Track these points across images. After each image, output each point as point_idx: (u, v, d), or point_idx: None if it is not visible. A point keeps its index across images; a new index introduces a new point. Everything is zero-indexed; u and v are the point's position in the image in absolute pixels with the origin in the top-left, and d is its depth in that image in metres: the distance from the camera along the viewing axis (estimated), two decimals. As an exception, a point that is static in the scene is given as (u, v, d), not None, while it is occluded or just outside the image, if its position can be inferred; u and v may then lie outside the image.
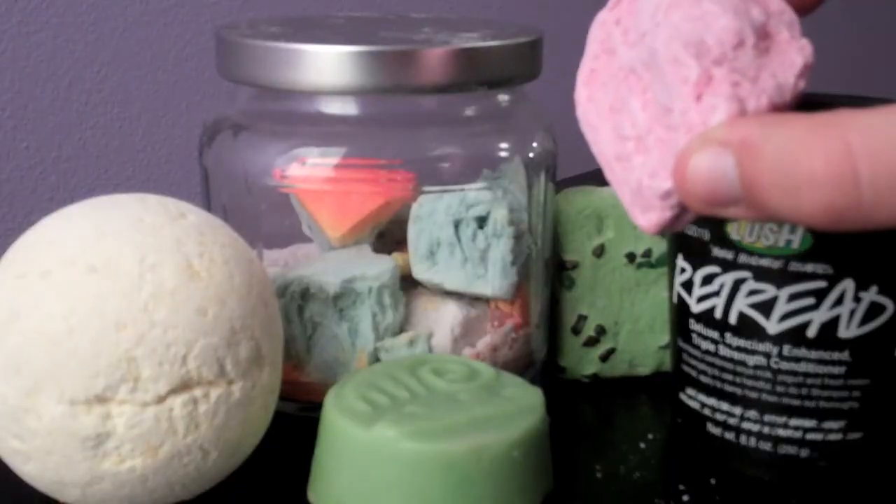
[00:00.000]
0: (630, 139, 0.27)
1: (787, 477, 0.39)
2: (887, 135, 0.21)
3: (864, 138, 0.22)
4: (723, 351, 0.39)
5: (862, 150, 0.21)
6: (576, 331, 0.47)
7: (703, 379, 0.40)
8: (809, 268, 0.36)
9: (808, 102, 0.42)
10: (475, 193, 0.42)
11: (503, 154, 0.43)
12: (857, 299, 0.36)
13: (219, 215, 0.42)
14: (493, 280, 0.42)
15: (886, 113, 0.22)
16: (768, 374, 0.38)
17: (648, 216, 0.27)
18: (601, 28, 0.29)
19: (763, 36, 0.26)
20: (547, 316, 0.46)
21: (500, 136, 0.43)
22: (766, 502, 0.38)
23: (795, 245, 0.36)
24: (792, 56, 0.26)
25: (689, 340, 0.40)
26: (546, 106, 0.46)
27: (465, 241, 0.42)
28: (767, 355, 0.38)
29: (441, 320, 0.43)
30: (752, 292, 0.37)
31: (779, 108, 0.25)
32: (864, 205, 0.22)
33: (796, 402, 0.38)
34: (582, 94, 0.29)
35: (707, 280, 0.39)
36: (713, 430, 0.40)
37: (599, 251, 0.46)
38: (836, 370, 0.37)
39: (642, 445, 0.42)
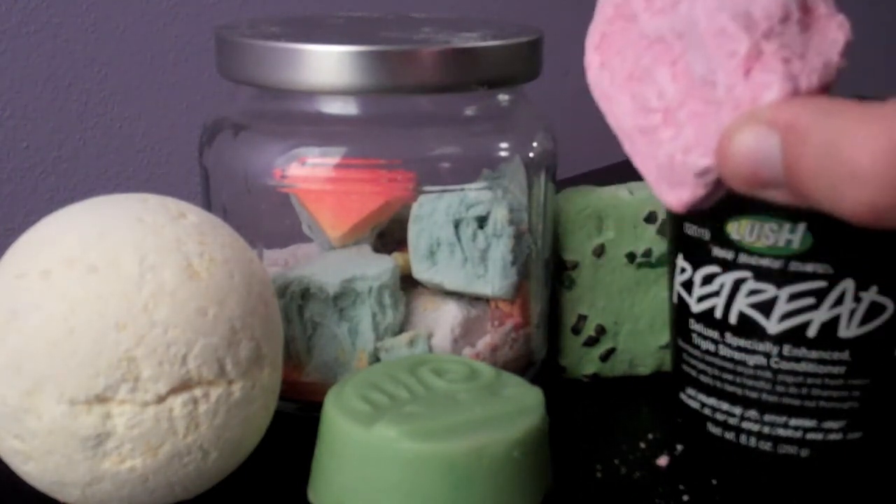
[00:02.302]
0: (657, 111, 0.26)
1: (787, 477, 0.39)
2: None
3: None
4: (723, 351, 0.39)
5: None
6: (576, 331, 0.47)
7: (704, 379, 0.40)
8: (809, 268, 0.36)
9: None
10: (475, 193, 0.42)
11: (503, 154, 0.43)
12: (857, 299, 0.36)
13: (219, 215, 0.42)
14: (494, 280, 0.42)
15: None
16: (768, 374, 0.38)
17: (678, 193, 0.26)
18: None
19: (805, 10, 0.25)
20: (547, 316, 0.46)
21: (500, 136, 0.43)
22: (766, 502, 0.38)
23: (795, 245, 0.36)
24: (833, 32, 0.25)
25: (689, 340, 0.40)
26: (546, 106, 0.46)
27: (465, 241, 0.42)
28: (767, 355, 0.38)
29: (441, 320, 0.43)
30: (753, 292, 0.37)
31: (826, 87, 0.24)
32: None
33: (796, 402, 0.38)
34: (594, 59, 0.28)
35: (707, 280, 0.39)
36: (713, 430, 0.40)
37: (599, 251, 0.46)
38: (836, 370, 0.37)
39: (642, 445, 0.42)
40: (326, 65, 0.39)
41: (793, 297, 0.37)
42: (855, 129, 0.21)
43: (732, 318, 0.38)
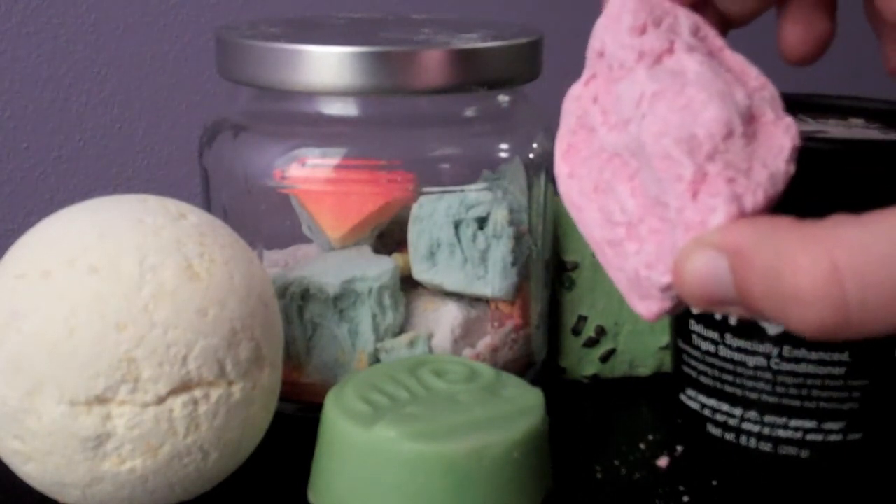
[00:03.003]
0: (621, 225, 0.27)
1: (787, 478, 0.39)
2: (876, 250, 0.21)
3: (851, 255, 0.21)
4: (723, 352, 0.39)
5: (849, 268, 0.21)
6: (576, 331, 0.47)
7: (704, 380, 0.40)
8: (809, 268, 0.36)
9: (808, 104, 0.42)
10: (475, 194, 0.42)
11: (503, 155, 0.43)
12: (857, 300, 0.36)
13: (219, 216, 0.42)
14: (494, 281, 0.42)
15: (875, 225, 0.21)
16: (768, 375, 0.38)
17: (647, 304, 0.26)
18: (576, 103, 0.28)
19: (749, 120, 0.25)
20: (547, 317, 0.46)
21: (500, 137, 0.43)
22: (766, 503, 0.38)
23: (795, 246, 0.36)
24: (779, 139, 0.25)
25: (689, 341, 0.40)
26: (546, 106, 0.46)
27: (465, 242, 0.42)
28: (767, 356, 0.38)
29: (441, 321, 0.43)
30: (753, 293, 0.37)
31: (773, 198, 0.25)
32: (853, 322, 0.21)
33: (796, 403, 0.38)
34: (562, 169, 0.28)
35: (707, 281, 0.39)
36: (713, 430, 0.40)
37: (599, 252, 0.46)
38: (836, 371, 0.37)
39: (642, 445, 0.42)
40: (327, 65, 0.39)
41: (793, 297, 0.37)
42: (795, 252, 0.22)
43: (732, 319, 0.38)
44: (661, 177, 0.25)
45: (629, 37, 0.27)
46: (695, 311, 0.40)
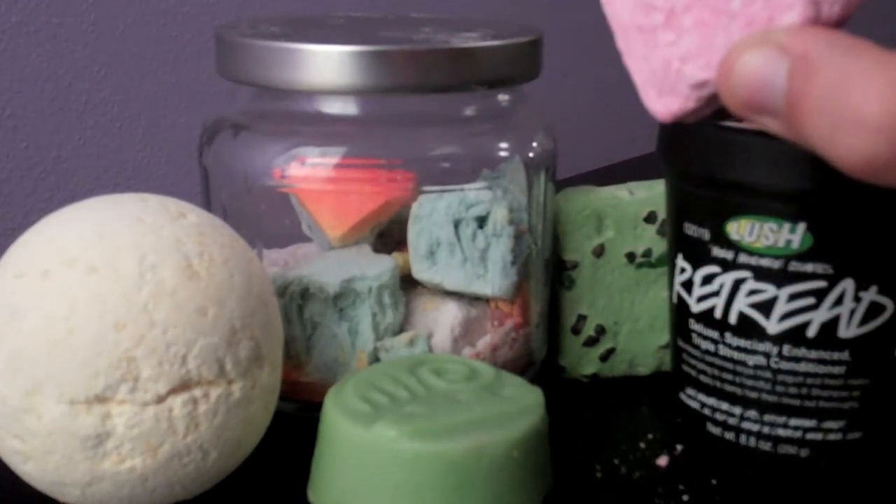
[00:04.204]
0: (660, 11, 0.24)
1: (787, 477, 0.39)
2: None
3: None
4: (723, 351, 0.39)
5: None
6: (576, 331, 0.47)
7: (703, 379, 0.40)
8: (809, 268, 0.36)
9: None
10: (475, 193, 0.42)
11: (503, 154, 0.43)
12: (857, 299, 0.36)
13: (219, 215, 0.42)
14: (493, 280, 0.42)
15: None
16: (768, 374, 0.38)
17: (667, 101, 0.24)
18: None
19: None
20: (547, 316, 0.46)
21: (500, 136, 0.43)
22: (765, 502, 0.38)
23: (795, 245, 0.36)
24: None
25: (688, 340, 0.40)
26: (546, 106, 0.46)
27: (464, 241, 0.42)
28: (767, 355, 0.38)
29: (441, 320, 0.43)
30: (752, 292, 0.37)
31: (844, 20, 0.23)
32: None
33: (796, 402, 0.38)
34: None
35: (707, 280, 0.39)
36: (713, 429, 0.40)
37: (599, 251, 0.46)
38: (836, 370, 0.37)
39: (642, 445, 0.42)
40: (326, 65, 0.39)
41: (793, 297, 0.37)
42: (871, 73, 0.20)
43: (732, 318, 0.38)
44: None
45: None
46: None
